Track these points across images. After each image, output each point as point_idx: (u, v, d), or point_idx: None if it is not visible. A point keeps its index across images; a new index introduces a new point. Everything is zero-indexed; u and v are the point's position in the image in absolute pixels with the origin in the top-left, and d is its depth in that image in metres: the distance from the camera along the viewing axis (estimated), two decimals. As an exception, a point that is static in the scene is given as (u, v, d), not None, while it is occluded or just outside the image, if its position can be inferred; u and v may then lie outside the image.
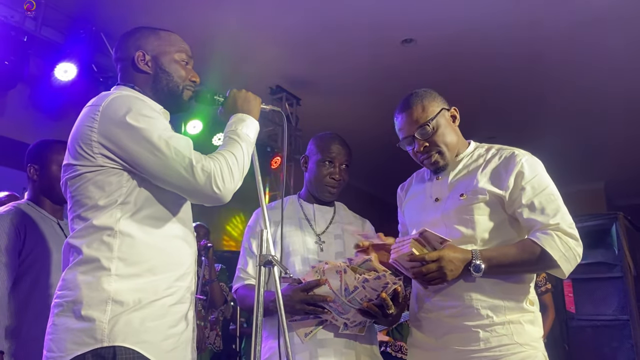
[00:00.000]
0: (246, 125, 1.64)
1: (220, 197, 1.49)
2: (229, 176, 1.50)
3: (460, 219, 1.80)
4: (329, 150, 2.12)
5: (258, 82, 5.43)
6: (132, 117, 1.44)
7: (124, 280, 1.41)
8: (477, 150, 1.94)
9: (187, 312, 1.56)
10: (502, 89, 5.61)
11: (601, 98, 5.75)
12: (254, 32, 4.70)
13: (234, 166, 1.52)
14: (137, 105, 1.49)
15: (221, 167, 1.49)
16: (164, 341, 1.45)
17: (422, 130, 1.86)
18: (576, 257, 1.69)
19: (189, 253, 1.60)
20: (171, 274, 1.50)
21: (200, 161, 1.46)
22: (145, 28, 1.71)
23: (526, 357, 1.68)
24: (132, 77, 1.65)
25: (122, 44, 1.69)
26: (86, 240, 1.44)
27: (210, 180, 1.46)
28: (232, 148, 1.56)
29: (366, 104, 5.98)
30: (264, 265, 1.48)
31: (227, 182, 1.49)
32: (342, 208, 2.26)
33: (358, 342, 1.94)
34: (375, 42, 4.88)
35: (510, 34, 4.68)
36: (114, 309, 1.38)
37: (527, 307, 1.76)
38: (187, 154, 1.45)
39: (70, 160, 1.51)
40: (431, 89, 1.97)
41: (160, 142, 1.44)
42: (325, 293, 1.80)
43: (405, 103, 1.92)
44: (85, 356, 1.35)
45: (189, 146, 1.48)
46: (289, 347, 1.47)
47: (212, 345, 4.20)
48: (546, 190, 1.75)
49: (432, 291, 1.82)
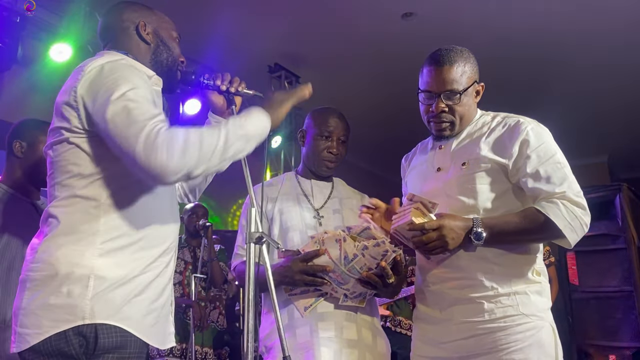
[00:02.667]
0: (247, 115, 1.47)
1: (156, 170, 1.27)
2: (179, 150, 1.28)
3: (462, 188, 1.76)
4: (327, 124, 2.10)
5: (256, 61, 5.38)
6: (113, 89, 1.35)
7: (108, 255, 1.36)
8: (482, 119, 1.88)
9: (167, 285, 1.52)
10: (503, 62, 5.53)
11: (604, 71, 5.68)
12: (252, 10, 4.63)
13: (192, 144, 1.30)
14: (121, 73, 1.41)
15: (172, 138, 1.29)
16: (147, 316, 1.42)
17: (450, 95, 1.78)
18: (583, 226, 1.64)
19: (172, 229, 1.56)
20: (156, 250, 1.46)
21: (152, 128, 1.29)
22: (138, 3, 1.69)
23: (532, 328, 1.65)
24: (130, 44, 1.60)
25: (118, 11, 1.65)
26: (68, 210, 1.38)
27: (153, 148, 1.26)
28: (207, 129, 1.39)
29: (366, 81, 5.92)
30: (255, 243, 1.44)
31: (173, 156, 1.27)
32: (340, 183, 2.24)
33: (359, 314, 1.93)
34: (375, 17, 4.81)
35: (511, 4, 4.60)
36: (97, 285, 1.32)
37: (533, 277, 1.72)
38: (142, 125, 1.30)
39: (57, 124, 1.44)
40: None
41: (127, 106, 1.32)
42: (325, 263, 1.79)
43: (447, 57, 1.78)
44: (66, 333, 1.30)
45: (149, 117, 1.33)
46: (280, 324, 1.43)
47: (215, 324, 4.22)
48: (552, 158, 1.69)
49: (436, 263, 1.79)
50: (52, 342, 1.30)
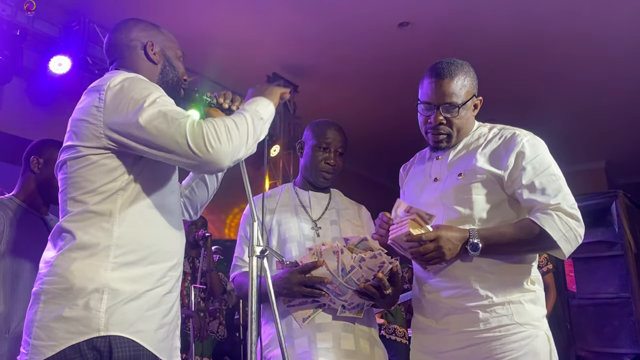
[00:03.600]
0: (255, 102, 1.60)
1: (212, 157, 1.39)
2: (225, 136, 1.40)
3: (458, 198, 1.78)
4: (325, 135, 2.12)
5: (255, 71, 5.41)
6: (142, 98, 1.42)
7: (121, 269, 1.40)
8: (479, 130, 1.91)
9: (175, 301, 1.56)
10: (501, 69, 5.57)
11: (601, 78, 5.71)
12: (250, 21, 4.67)
13: (233, 130, 1.43)
14: (143, 85, 1.47)
15: (216, 127, 1.40)
16: (158, 330, 1.45)
17: (449, 107, 1.80)
18: (577, 237, 1.66)
19: (180, 243, 1.61)
20: (166, 264, 1.50)
21: (192, 123, 1.40)
22: (145, 21, 1.71)
23: (527, 337, 1.66)
24: (138, 64, 1.64)
25: (127, 29, 1.67)
26: (82, 225, 1.41)
27: (202, 139, 1.37)
28: (234, 116, 1.51)
29: (364, 89, 5.96)
30: (259, 256, 1.47)
31: (223, 142, 1.39)
32: (337, 194, 2.26)
33: (357, 324, 1.94)
34: (371, 27, 4.86)
35: (507, 12, 4.64)
36: (110, 298, 1.36)
37: (528, 286, 1.74)
38: (183, 121, 1.39)
39: (74, 141, 1.48)
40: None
41: (159, 113, 1.40)
42: (323, 274, 1.80)
43: (448, 70, 1.80)
44: (79, 346, 1.32)
45: (185, 115, 1.42)
46: (281, 334, 1.46)
47: (215, 334, 4.23)
48: (547, 170, 1.72)
49: (432, 273, 1.81)
50: (67, 356, 1.33)
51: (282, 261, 1.77)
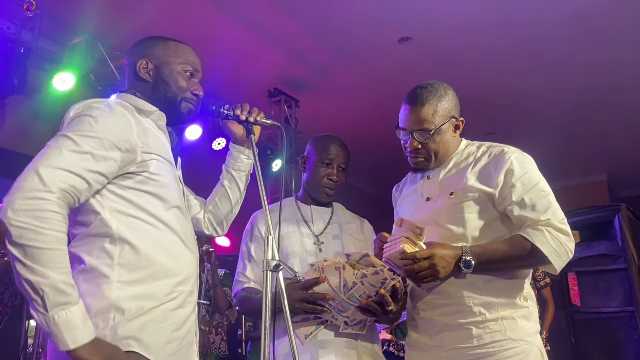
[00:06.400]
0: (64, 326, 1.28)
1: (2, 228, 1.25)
2: (34, 240, 1.25)
3: (451, 217, 1.80)
4: (328, 151, 2.13)
5: (256, 86, 5.45)
6: (74, 133, 1.39)
7: (126, 288, 1.41)
8: (467, 149, 1.93)
9: (190, 315, 1.56)
10: (501, 85, 5.60)
11: (602, 90, 5.73)
12: (252, 36, 4.71)
13: (40, 251, 1.25)
14: (85, 128, 1.42)
15: (38, 229, 1.25)
16: (167, 344, 1.45)
17: (422, 134, 1.84)
18: (568, 252, 1.68)
19: (191, 258, 1.60)
20: (172, 280, 1.50)
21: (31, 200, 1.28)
22: (157, 37, 1.72)
23: (520, 353, 1.67)
24: (135, 84, 1.67)
25: (130, 51, 1.71)
26: (87, 249, 1.44)
27: (19, 214, 1.25)
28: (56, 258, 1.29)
29: (365, 104, 5.98)
30: (272, 271, 1.46)
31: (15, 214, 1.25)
32: (340, 208, 2.26)
33: (359, 341, 1.93)
34: (372, 43, 4.89)
35: (508, 29, 4.68)
36: (117, 317, 1.38)
37: (521, 303, 1.75)
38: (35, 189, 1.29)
39: None
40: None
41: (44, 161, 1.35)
42: (325, 291, 1.80)
43: (420, 97, 1.83)
44: None
45: (62, 181, 1.32)
46: (295, 348, 1.46)
47: (217, 351, 4.20)
48: (537, 186, 1.74)
49: (426, 290, 1.83)
50: None
51: (296, 276, 1.77)
